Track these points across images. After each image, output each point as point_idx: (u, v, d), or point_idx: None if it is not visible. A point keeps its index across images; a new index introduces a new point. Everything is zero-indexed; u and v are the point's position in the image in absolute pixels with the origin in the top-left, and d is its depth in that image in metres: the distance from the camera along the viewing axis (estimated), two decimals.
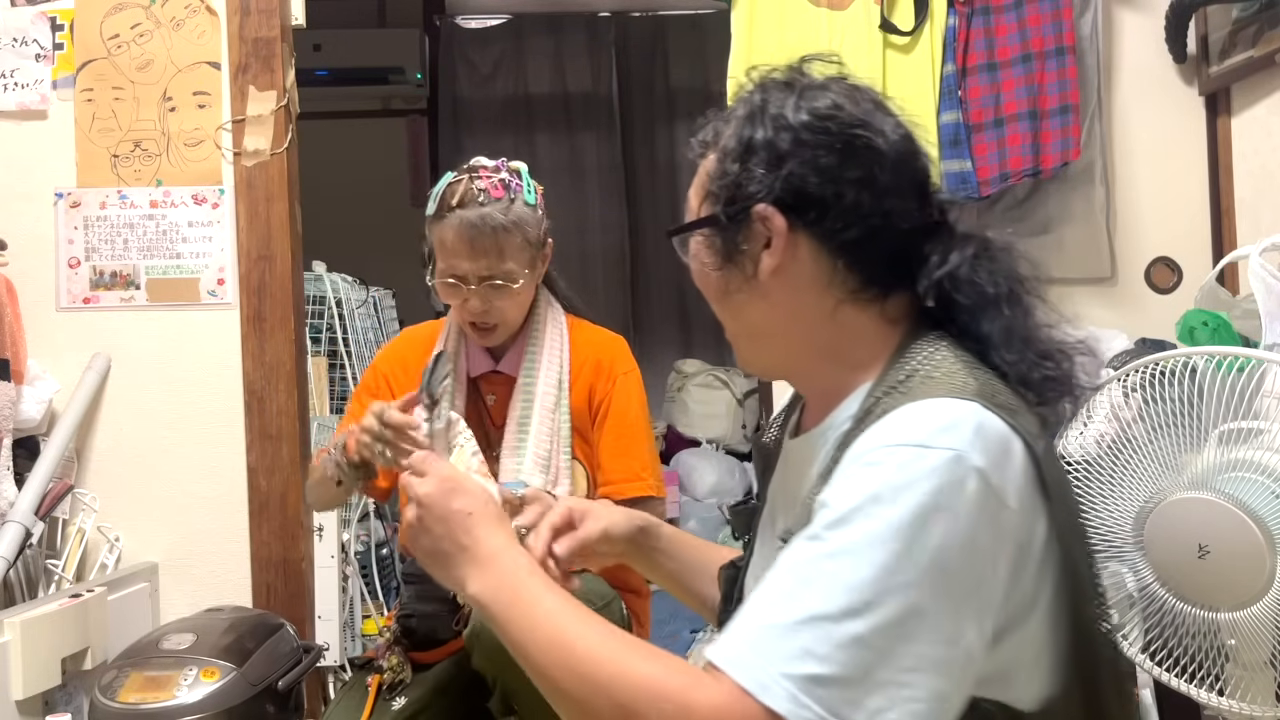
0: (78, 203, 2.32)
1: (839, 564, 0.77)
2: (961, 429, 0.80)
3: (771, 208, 0.92)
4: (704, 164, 1.00)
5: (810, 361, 0.98)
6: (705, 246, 0.98)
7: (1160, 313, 2.59)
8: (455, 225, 1.73)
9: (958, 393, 0.84)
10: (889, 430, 0.82)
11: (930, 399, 0.84)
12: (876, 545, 0.76)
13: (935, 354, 0.90)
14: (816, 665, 0.74)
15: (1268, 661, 1.41)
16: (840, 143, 0.93)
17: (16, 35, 2.34)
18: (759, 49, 2.66)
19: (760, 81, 1.00)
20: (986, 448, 0.80)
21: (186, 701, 1.70)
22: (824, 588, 0.76)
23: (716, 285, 0.99)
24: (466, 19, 4.86)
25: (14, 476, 2.13)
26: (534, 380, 1.81)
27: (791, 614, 0.76)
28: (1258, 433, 1.41)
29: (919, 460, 0.79)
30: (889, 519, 0.77)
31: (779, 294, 0.95)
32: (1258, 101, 2.52)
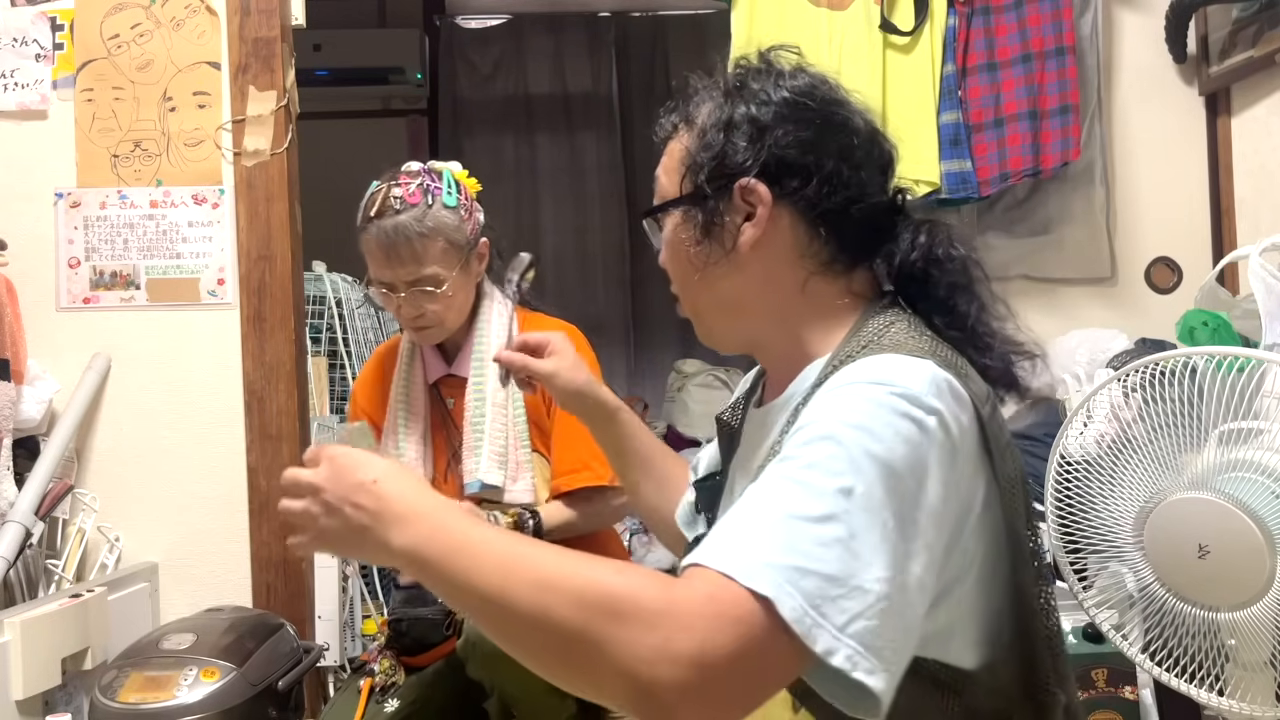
0: (78, 203, 2.32)
1: (816, 474, 0.78)
2: (919, 375, 0.84)
3: (756, 179, 0.96)
4: (675, 144, 1.04)
5: (777, 333, 1.01)
6: (683, 222, 1.01)
7: (1160, 313, 2.59)
8: (374, 235, 1.76)
9: (914, 353, 0.88)
10: (854, 371, 0.86)
11: (884, 353, 0.88)
12: (845, 461, 0.78)
13: (891, 326, 0.94)
14: (801, 559, 0.73)
15: (1268, 661, 1.41)
16: (819, 117, 0.98)
17: (16, 35, 2.34)
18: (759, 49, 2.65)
19: (736, 66, 1.04)
20: (941, 396, 0.84)
21: (186, 701, 1.70)
22: (798, 495, 0.77)
23: (693, 260, 1.01)
24: (466, 19, 4.86)
25: (14, 476, 2.13)
26: (484, 379, 1.83)
27: (773, 515, 0.77)
28: (1258, 433, 1.41)
29: (879, 393, 0.82)
30: (855, 440, 0.79)
31: (755, 266, 0.99)
32: (1258, 101, 2.52)
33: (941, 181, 2.58)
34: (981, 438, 0.87)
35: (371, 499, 0.85)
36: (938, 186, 2.57)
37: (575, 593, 0.73)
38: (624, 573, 0.75)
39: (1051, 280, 2.73)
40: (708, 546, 0.76)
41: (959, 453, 0.83)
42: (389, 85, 4.70)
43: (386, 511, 0.84)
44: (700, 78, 1.05)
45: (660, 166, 1.06)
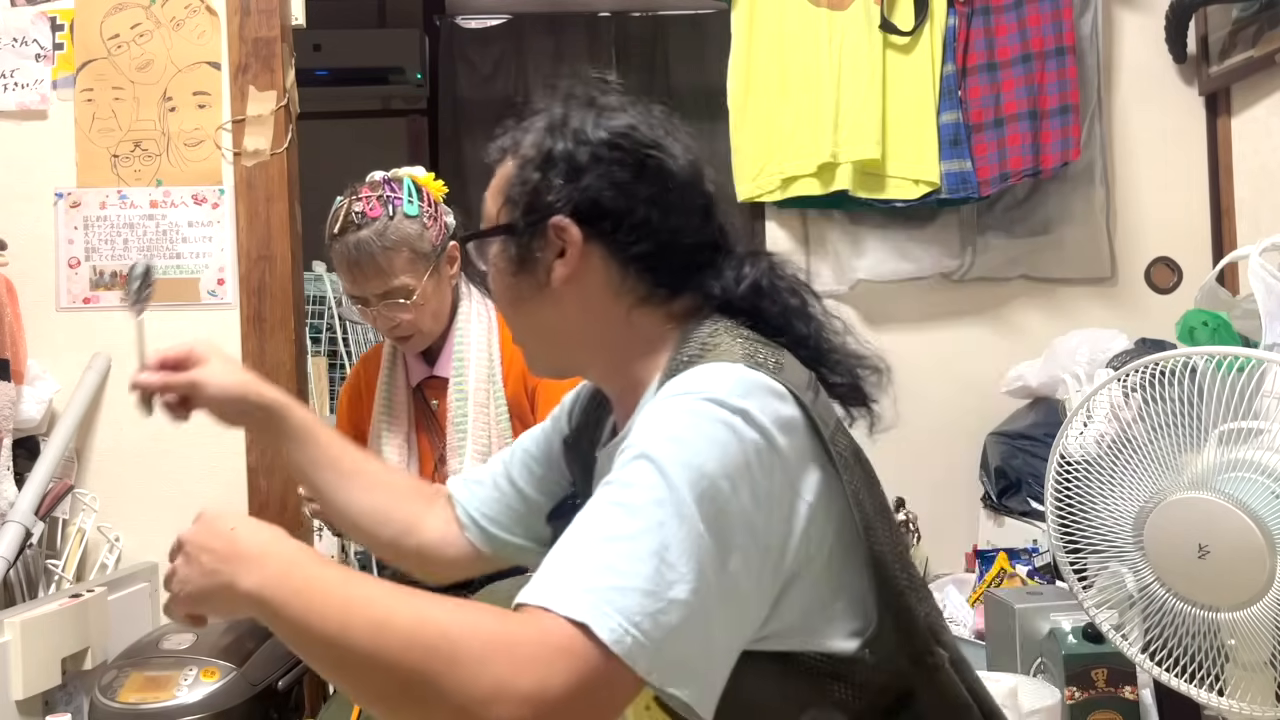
0: (78, 203, 2.32)
1: (629, 493, 0.79)
2: (726, 380, 0.85)
3: (568, 219, 0.96)
4: (502, 169, 1.03)
5: (604, 363, 1.02)
6: (500, 252, 1.02)
7: (1160, 313, 2.59)
8: (339, 252, 1.78)
9: (723, 358, 0.89)
10: (667, 388, 0.87)
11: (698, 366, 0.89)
12: (655, 474, 0.79)
13: (714, 335, 0.95)
14: (617, 577, 0.74)
15: (1268, 661, 1.41)
16: (634, 160, 0.98)
17: (16, 35, 2.34)
18: (759, 49, 2.66)
19: (564, 94, 1.02)
20: (749, 393, 0.85)
21: (186, 701, 1.70)
22: (613, 515, 0.78)
23: (511, 290, 1.02)
24: (466, 19, 4.85)
25: (14, 476, 2.13)
26: (464, 379, 1.83)
27: (590, 540, 0.78)
28: (1258, 433, 1.41)
29: (686, 403, 0.84)
30: (669, 451, 0.80)
31: (571, 300, 0.99)
32: (1258, 101, 2.52)
33: (941, 181, 2.58)
34: (809, 424, 0.88)
35: (224, 543, 0.85)
36: (938, 186, 2.58)
37: (409, 633, 0.73)
38: (460, 611, 0.75)
39: (1051, 280, 2.73)
40: (533, 584, 0.76)
41: (776, 448, 0.84)
42: (389, 85, 4.70)
43: (236, 554, 0.83)
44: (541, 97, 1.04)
45: (489, 188, 1.05)
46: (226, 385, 1.19)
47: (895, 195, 2.60)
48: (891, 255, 2.68)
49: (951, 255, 2.70)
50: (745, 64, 2.66)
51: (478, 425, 1.81)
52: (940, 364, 2.68)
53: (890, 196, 2.60)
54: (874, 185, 2.59)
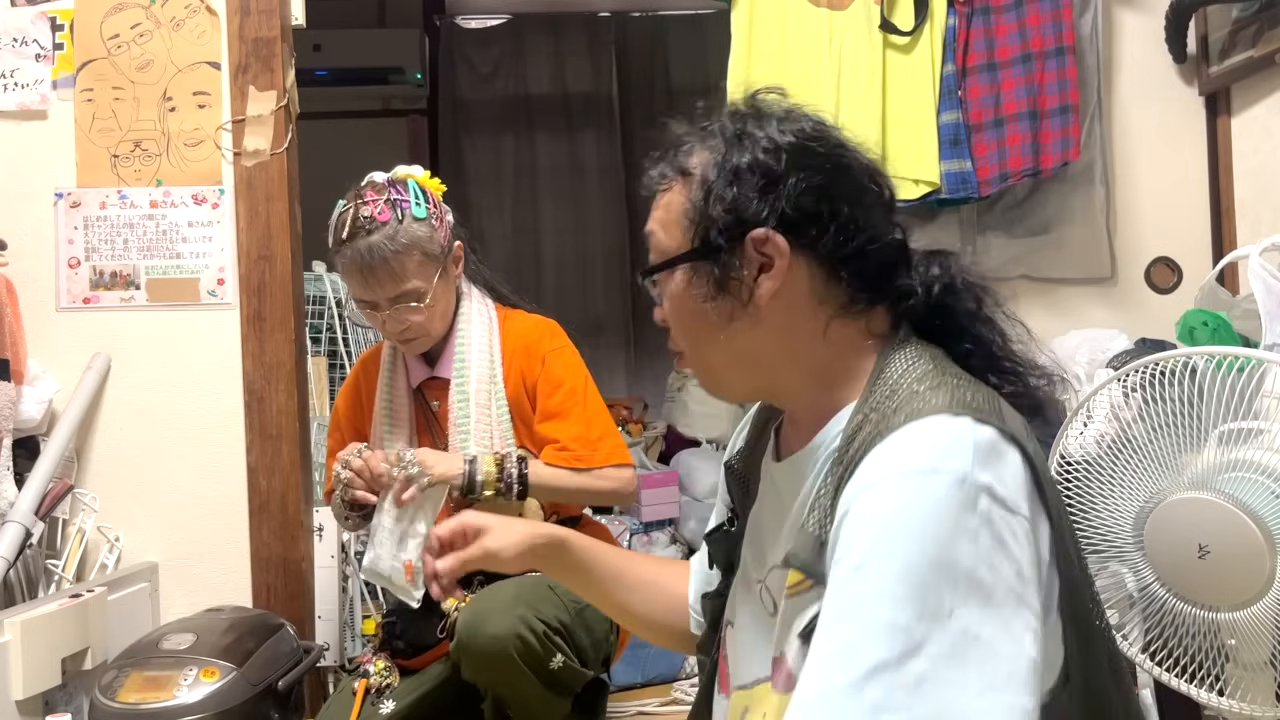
0: (78, 203, 2.32)
1: (876, 608, 0.75)
2: (962, 447, 0.81)
3: (772, 230, 0.93)
4: (670, 196, 0.99)
5: (799, 382, 0.98)
6: (693, 278, 0.97)
7: (1160, 313, 2.59)
8: (348, 259, 1.77)
9: (947, 408, 0.84)
10: (889, 457, 0.82)
11: (922, 419, 0.84)
12: (910, 580, 0.75)
13: (916, 366, 0.91)
14: (893, 716, 0.72)
15: (1268, 661, 1.41)
16: (829, 163, 0.95)
17: (16, 35, 2.34)
18: (759, 49, 2.66)
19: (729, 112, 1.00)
20: (987, 461, 0.80)
21: (186, 701, 1.70)
22: (870, 638, 0.74)
23: (706, 318, 0.97)
24: (466, 19, 4.86)
25: (14, 476, 2.13)
26: (466, 380, 1.83)
27: (852, 671, 0.74)
28: (1258, 433, 1.41)
29: (927, 486, 0.78)
30: (913, 551, 0.76)
31: (774, 317, 0.95)
32: (1258, 101, 2.52)
33: (941, 181, 2.58)
34: (1033, 478, 0.84)
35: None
36: (938, 186, 2.57)
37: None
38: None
39: (1051, 280, 2.73)
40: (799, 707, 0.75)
41: (1018, 512, 0.80)
42: (389, 85, 4.70)
43: None
44: (683, 124, 1.01)
45: (654, 220, 1.01)
46: (514, 540, 1.19)
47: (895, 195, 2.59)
48: None
49: None
50: (745, 64, 2.66)
51: (479, 426, 1.81)
52: None
53: None
54: None
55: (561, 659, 1.62)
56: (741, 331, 0.96)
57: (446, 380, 1.85)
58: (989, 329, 0.98)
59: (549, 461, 1.78)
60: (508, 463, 1.75)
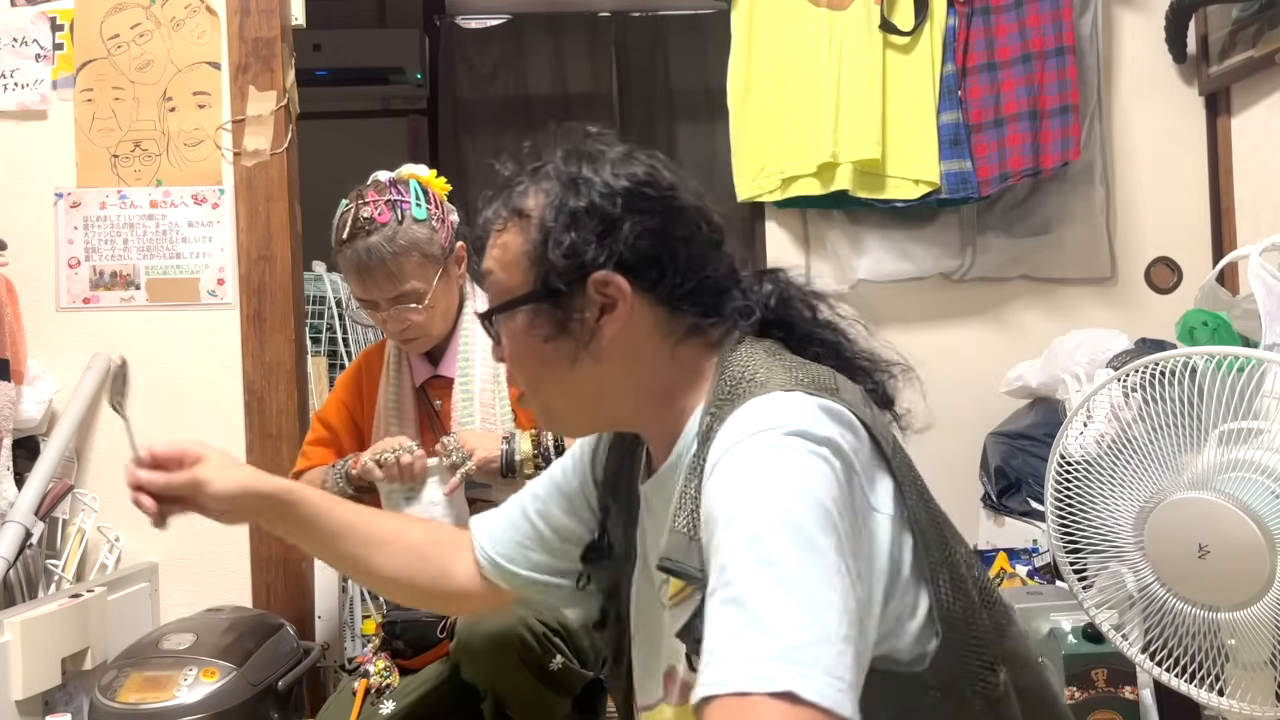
0: (78, 203, 2.32)
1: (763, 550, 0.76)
2: (798, 410, 0.85)
3: (612, 273, 0.95)
4: (506, 236, 1.00)
5: (648, 407, 1.00)
6: (534, 319, 0.98)
7: (1160, 313, 2.59)
8: (348, 259, 1.77)
9: (781, 387, 0.89)
10: (731, 432, 0.85)
11: (756, 398, 0.88)
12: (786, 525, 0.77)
13: (752, 357, 0.95)
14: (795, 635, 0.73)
15: (1268, 661, 1.41)
16: (662, 205, 0.98)
17: (16, 35, 2.34)
18: (759, 49, 2.66)
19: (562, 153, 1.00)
20: (826, 421, 0.85)
21: (186, 701, 1.70)
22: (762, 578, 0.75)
23: (546, 358, 0.99)
24: (466, 19, 4.85)
25: (14, 476, 2.13)
26: (470, 379, 1.83)
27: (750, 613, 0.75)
28: (1258, 433, 1.41)
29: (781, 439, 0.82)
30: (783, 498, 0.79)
31: (617, 355, 0.97)
32: (1258, 101, 2.52)
33: (941, 181, 2.58)
34: (873, 442, 0.89)
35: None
36: (938, 186, 2.58)
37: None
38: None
39: (1051, 280, 2.73)
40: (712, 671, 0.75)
41: (855, 470, 0.85)
42: (389, 85, 4.70)
43: None
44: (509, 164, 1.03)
45: (492, 259, 1.02)
46: (231, 479, 1.16)
47: (895, 195, 2.60)
48: (891, 255, 2.68)
49: (951, 255, 2.70)
50: (745, 64, 2.66)
51: (484, 425, 1.80)
52: (940, 364, 2.68)
53: (890, 196, 2.60)
54: (874, 185, 2.59)
55: (561, 660, 1.62)
56: (584, 371, 0.98)
57: (450, 379, 1.85)
58: (831, 332, 1.04)
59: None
60: (543, 436, 1.75)
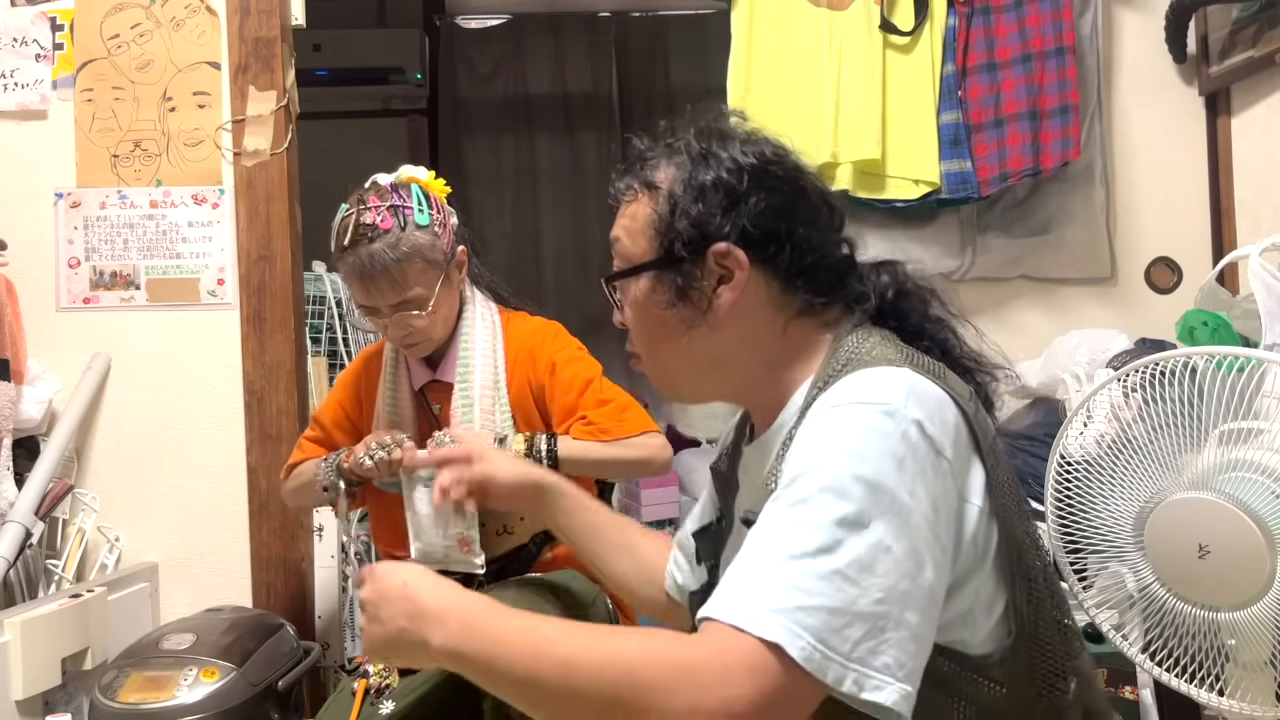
0: (78, 203, 2.32)
1: (804, 510, 0.82)
2: (897, 387, 0.88)
3: (733, 245, 0.99)
4: (636, 206, 1.05)
5: (758, 379, 1.04)
6: (656, 286, 1.03)
7: (1160, 313, 2.59)
8: (349, 266, 1.76)
9: (890, 362, 0.92)
10: (829, 397, 0.90)
11: (865, 369, 0.92)
12: (834, 490, 0.82)
13: (865, 340, 0.98)
14: (803, 597, 0.78)
15: (1268, 661, 1.41)
16: (787, 184, 1.02)
17: (16, 35, 2.34)
18: (759, 49, 2.66)
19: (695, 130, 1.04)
20: (921, 402, 0.87)
21: (186, 701, 1.70)
22: (795, 533, 0.81)
23: (665, 324, 1.03)
24: (466, 19, 4.85)
25: (14, 476, 2.13)
26: (469, 384, 1.82)
27: (770, 560, 0.80)
28: (1258, 433, 1.41)
29: (860, 414, 0.86)
30: (842, 467, 0.83)
31: (732, 325, 1.01)
32: (1258, 101, 2.52)
33: (941, 181, 2.58)
34: (969, 431, 0.91)
35: (405, 603, 0.93)
36: (938, 186, 2.58)
37: (597, 669, 0.79)
38: (644, 640, 0.80)
39: (1051, 280, 2.73)
40: (717, 599, 0.81)
41: (945, 456, 0.87)
42: (389, 85, 4.70)
43: (421, 613, 0.91)
44: (646, 139, 1.08)
45: (619, 228, 1.07)
46: (514, 475, 1.33)
47: (895, 195, 2.60)
48: (891, 255, 2.67)
49: (951, 255, 2.70)
50: (745, 64, 2.66)
51: (484, 430, 1.80)
52: None
53: (890, 196, 2.60)
54: (874, 185, 2.59)
55: None
56: (700, 338, 1.02)
57: (449, 384, 1.85)
58: (940, 328, 1.06)
59: (577, 436, 1.78)
60: (537, 439, 1.74)
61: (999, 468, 0.93)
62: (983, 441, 0.92)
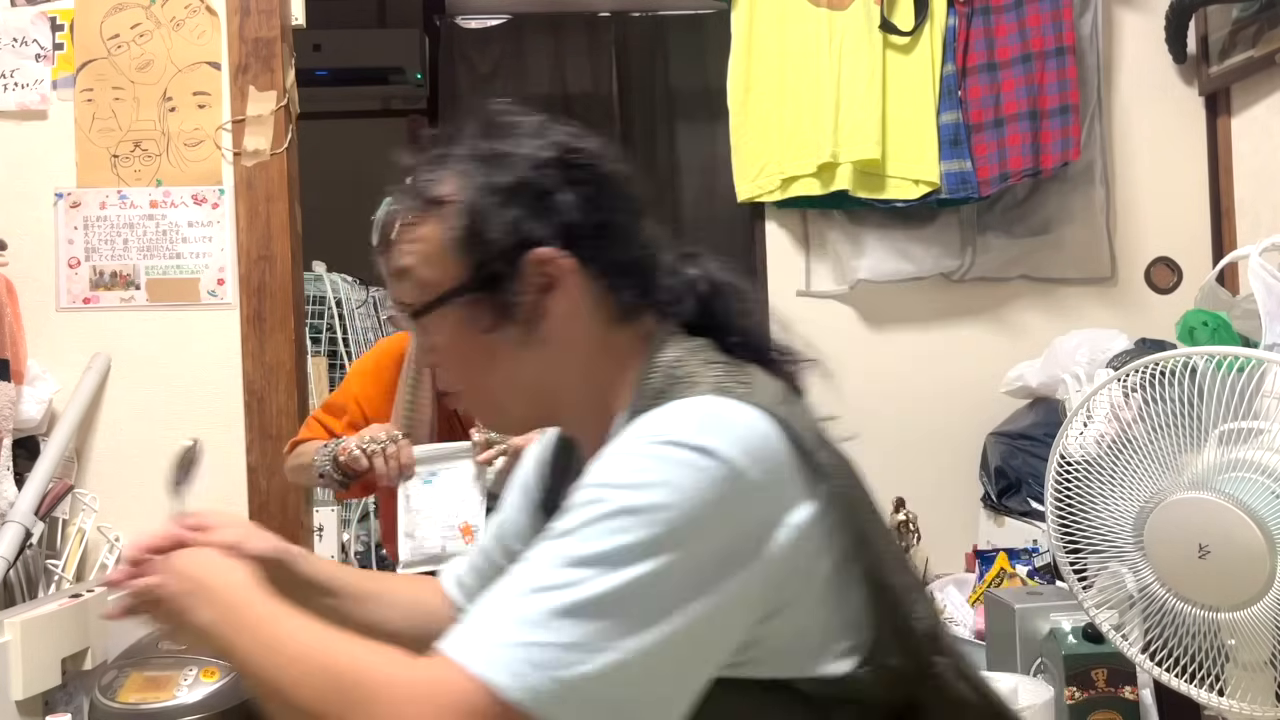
0: (78, 203, 2.32)
1: (567, 542, 0.75)
2: (689, 417, 0.81)
3: (552, 249, 0.89)
4: (422, 229, 0.93)
5: (583, 399, 0.95)
6: (471, 310, 0.91)
7: (1160, 313, 2.59)
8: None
9: (691, 392, 0.84)
10: (639, 428, 0.81)
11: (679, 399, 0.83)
12: (601, 526, 0.74)
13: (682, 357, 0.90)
14: (538, 632, 0.71)
15: (1268, 661, 1.41)
16: (591, 173, 0.92)
17: (16, 35, 2.34)
18: (759, 49, 2.66)
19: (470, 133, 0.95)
20: (712, 429, 0.79)
21: (186, 701, 1.70)
22: (551, 564, 0.74)
23: (490, 350, 0.93)
24: (466, 19, 4.85)
25: (14, 476, 2.13)
26: None
27: (516, 591, 0.74)
28: (1258, 433, 1.41)
29: (647, 449, 0.78)
30: (617, 497, 0.75)
31: (560, 338, 0.92)
32: (1258, 101, 2.52)
33: (941, 181, 2.58)
34: (789, 442, 0.82)
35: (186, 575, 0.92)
36: (937, 186, 2.58)
37: (312, 674, 0.75)
38: (372, 657, 0.75)
39: (1051, 280, 2.73)
40: (456, 631, 0.75)
41: (747, 478, 0.78)
42: (389, 85, 4.70)
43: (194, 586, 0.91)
44: (409, 154, 0.98)
45: (409, 256, 0.94)
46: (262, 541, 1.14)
47: (895, 195, 2.60)
48: (891, 255, 2.68)
49: (951, 255, 2.70)
50: (745, 64, 2.66)
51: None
52: (940, 364, 2.68)
53: (890, 196, 2.60)
54: (874, 185, 2.59)
55: None
56: (524, 358, 0.92)
57: None
58: (748, 318, 0.97)
59: None
60: None
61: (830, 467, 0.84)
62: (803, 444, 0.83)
